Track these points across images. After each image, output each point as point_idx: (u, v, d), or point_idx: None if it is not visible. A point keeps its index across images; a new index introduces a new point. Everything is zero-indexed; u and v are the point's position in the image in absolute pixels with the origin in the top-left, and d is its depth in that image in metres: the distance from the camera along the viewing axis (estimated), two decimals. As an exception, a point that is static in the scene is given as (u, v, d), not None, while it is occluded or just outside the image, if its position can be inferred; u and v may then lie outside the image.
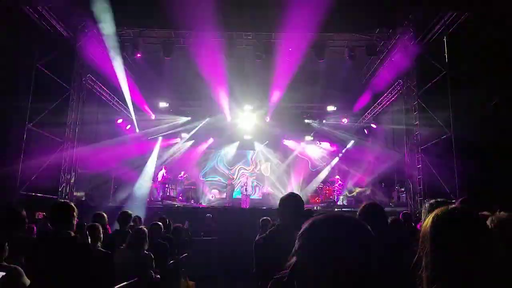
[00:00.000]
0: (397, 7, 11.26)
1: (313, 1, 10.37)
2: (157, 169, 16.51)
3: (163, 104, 17.65)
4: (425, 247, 1.16)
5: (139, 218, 7.18)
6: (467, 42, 10.25)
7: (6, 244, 3.13)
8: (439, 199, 2.67)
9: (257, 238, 3.82)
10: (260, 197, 17.18)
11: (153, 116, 17.82)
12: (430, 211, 2.55)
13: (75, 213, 3.24)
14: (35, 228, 5.91)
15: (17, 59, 10.17)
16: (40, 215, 8.27)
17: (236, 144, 19.90)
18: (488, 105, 9.85)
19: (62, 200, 8.02)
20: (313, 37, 12.96)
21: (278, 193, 18.19)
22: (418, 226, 6.39)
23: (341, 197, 15.81)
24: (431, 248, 1.15)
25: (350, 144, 19.02)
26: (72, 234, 3.20)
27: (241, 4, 10.71)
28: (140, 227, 4.88)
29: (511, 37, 8.85)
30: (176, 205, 14.02)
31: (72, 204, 3.31)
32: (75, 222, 3.28)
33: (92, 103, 13.74)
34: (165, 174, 15.99)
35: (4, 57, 9.63)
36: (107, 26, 12.34)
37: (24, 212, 4.11)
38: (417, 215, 10.56)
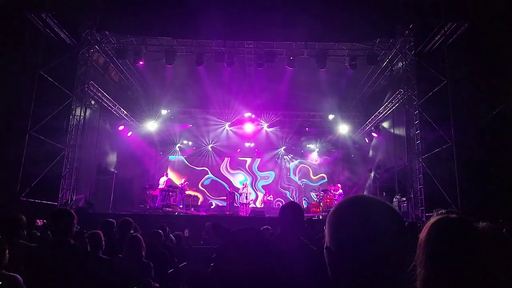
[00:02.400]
0: (397, 17, 11.35)
1: (314, 10, 10.46)
2: (159, 176, 16.50)
3: (164, 111, 17.70)
4: (420, 256, 1.15)
5: (138, 226, 7.15)
6: (467, 51, 10.29)
7: (7, 251, 3.11)
8: (449, 209, 2.66)
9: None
10: (261, 205, 17.12)
11: (155, 123, 17.86)
12: None
13: (75, 221, 3.23)
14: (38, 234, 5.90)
15: (21, 65, 10.24)
16: (40, 222, 8.24)
17: (236, 151, 19.94)
18: (489, 115, 9.85)
19: (62, 208, 8.00)
20: (314, 46, 13.04)
21: (279, 201, 18.16)
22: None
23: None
24: (426, 258, 1.14)
25: (351, 153, 19.02)
26: (72, 241, 3.19)
27: (243, 13, 10.80)
28: (135, 234, 4.84)
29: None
30: (176, 213, 13.98)
31: (72, 212, 3.30)
32: (74, 230, 3.27)
33: (94, 110, 13.80)
34: (167, 181, 15.98)
35: (7, 63, 9.70)
36: (110, 33, 12.46)
37: (24, 219, 4.11)
38: (419, 225, 10.50)
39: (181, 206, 15.37)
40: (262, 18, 10.91)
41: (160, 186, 15.46)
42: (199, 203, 18.11)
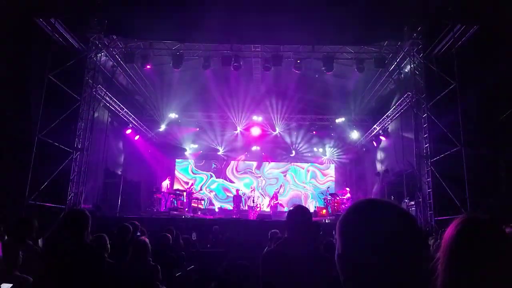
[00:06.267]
0: (405, 20, 11.28)
1: (321, 13, 10.44)
2: (163, 180, 16.54)
3: (171, 115, 17.77)
4: (444, 255, 1.13)
5: (144, 229, 7.15)
6: (476, 54, 10.19)
7: (20, 253, 3.14)
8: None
9: (265, 251, 3.78)
10: (268, 209, 17.06)
11: (162, 127, 17.93)
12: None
13: (89, 220, 3.24)
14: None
15: (29, 70, 10.34)
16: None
17: (244, 155, 19.94)
18: (498, 117, 9.73)
19: (77, 208, 8.02)
20: (321, 49, 13.01)
21: (286, 205, 18.08)
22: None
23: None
24: (450, 257, 1.12)
25: (359, 156, 18.92)
26: (86, 241, 3.21)
27: (249, 16, 10.81)
28: (141, 237, 4.83)
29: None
30: (183, 216, 13.98)
31: (87, 213, 3.30)
32: (87, 231, 3.28)
33: (102, 114, 13.88)
34: (169, 185, 15.99)
35: (16, 68, 9.80)
36: (117, 38, 12.55)
37: (35, 221, 4.13)
38: (427, 229, 10.39)
39: (187, 209, 15.37)
40: (269, 21, 10.90)
41: (163, 190, 15.45)
42: (205, 207, 18.12)
